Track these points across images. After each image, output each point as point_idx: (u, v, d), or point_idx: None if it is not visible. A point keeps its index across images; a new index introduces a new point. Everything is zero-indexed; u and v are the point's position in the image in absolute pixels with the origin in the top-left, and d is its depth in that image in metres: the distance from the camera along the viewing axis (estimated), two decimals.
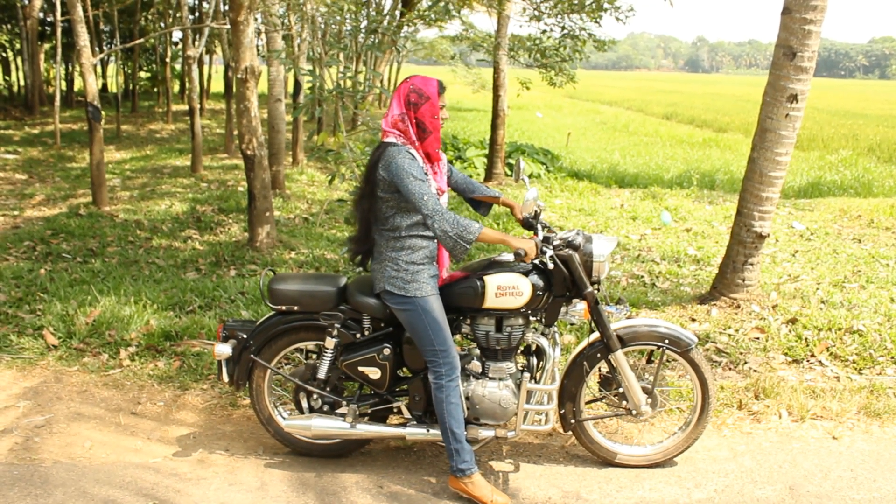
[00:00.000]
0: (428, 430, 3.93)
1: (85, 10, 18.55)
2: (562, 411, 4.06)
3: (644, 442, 4.31)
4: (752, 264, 6.27)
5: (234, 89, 9.00)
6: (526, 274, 3.79)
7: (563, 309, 3.93)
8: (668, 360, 4.24)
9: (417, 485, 3.94)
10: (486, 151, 15.15)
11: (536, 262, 3.80)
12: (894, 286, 7.31)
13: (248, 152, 8.50)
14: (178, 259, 8.29)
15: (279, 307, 3.99)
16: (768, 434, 4.50)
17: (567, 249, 3.81)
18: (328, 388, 4.07)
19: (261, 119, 8.77)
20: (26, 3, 23.98)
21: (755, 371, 5.27)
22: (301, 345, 4.15)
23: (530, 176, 15.56)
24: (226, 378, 4.10)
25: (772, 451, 4.30)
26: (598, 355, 4.00)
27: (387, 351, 3.88)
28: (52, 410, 4.67)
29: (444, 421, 3.71)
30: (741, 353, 5.52)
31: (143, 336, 5.67)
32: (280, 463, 4.14)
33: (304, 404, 4.12)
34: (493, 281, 3.77)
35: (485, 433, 3.92)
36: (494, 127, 14.00)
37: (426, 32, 36.53)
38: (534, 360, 4.01)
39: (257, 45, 14.68)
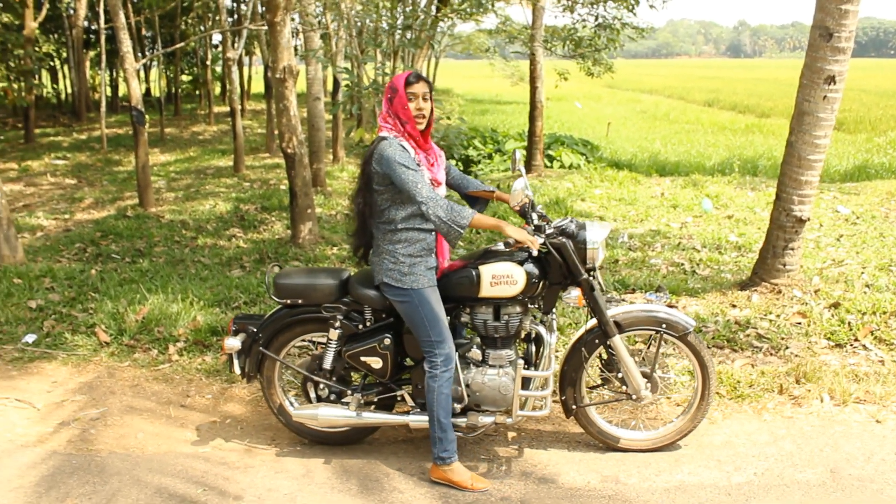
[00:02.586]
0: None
1: (127, 18, 18.92)
2: (563, 397, 4.14)
3: (647, 426, 4.35)
4: (792, 249, 6.23)
5: (274, 89, 9.12)
6: (521, 263, 3.86)
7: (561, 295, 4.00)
8: (672, 347, 4.25)
9: None
10: (525, 143, 15.14)
11: (534, 251, 3.84)
12: None
13: (289, 151, 8.63)
14: (222, 257, 8.47)
15: (284, 301, 4.13)
16: (809, 418, 4.49)
17: (560, 237, 3.88)
18: (334, 378, 4.18)
19: (300, 118, 8.90)
20: (72, 12, 24.53)
21: (797, 356, 5.24)
22: (309, 336, 4.28)
23: (570, 166, 15.52)
24: (237, 370, 4.23)
25: (813, 435, 4.29)
26: (597, 341, 4.06)
27: (387, 341, 3.98)
28: (107, 404, 4.84)
29: (432, 409, 3.81)
30: (782, 339, 5.50)
31: (191, 332, 5.83)
32: (324, 451, 4.24)
33: (312, 394, 4.25)
34: (487, 270, 3.85)
35: (484, 419, 4.00)
36: (532, 119, 13.99)
37: (463, 27, 36.60)
38: (532, 348, 4.08)
39: (295, 45, 14.87)
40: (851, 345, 5.45)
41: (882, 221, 9.59)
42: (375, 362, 4.02)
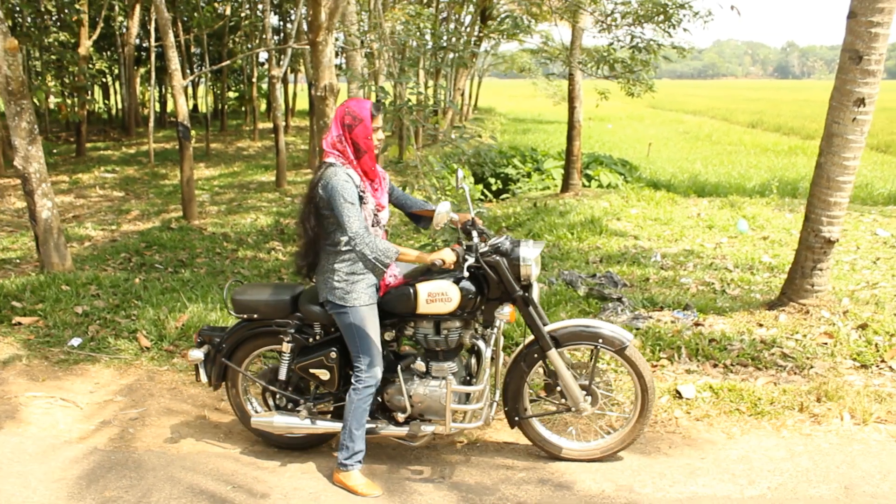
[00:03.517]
0: (377, 427, 4.21)
1: (176, 36, 19.48)
2: (506, 409, 4.28)
3: (589, 437, 4.48)
4: (821, 270, 6.25)
5: (315, 106, 9.38)
6: (458, 281, 4.02)
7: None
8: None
9: (477, 476, 4.14)
10: (564, 163, 15.25)
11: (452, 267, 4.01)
12: None
13: None
14: (262, 269, 8.71)
15: (241, 315, 4.36)
16: (828, 436, 4.53)
17: (495, 255, 4.04)
18: (290, 388, 4.39)
19: None
20: (124, 31, 25.28)
21: (820, 375, 5.28)
22: (269, 348, 4.49)
23: (608, 186, 15.58)
24: (203, 379, 4.46)
25: (830, 452, 4.33)
26: (535, 355, 4.20)
27: (333, 354, 4.18)
28: (146, 405, 5.06)
29: (348, 419, 4.02)
30: (807, 358, 5.53)
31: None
32: None
33: (270, 402, 4.49)
34: (423, 288, 4.02)
35: (426, 428, 4.15)
36: (570, 138, 14.10)
37: (507, 46, 36.82)
38: (473, 361, 4.24)
39: (339, 64, 15.18)
40: (878, 366, 5.46)
41: None
42: (324, 374, 4.22)
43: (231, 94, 36.57)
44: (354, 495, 3.98)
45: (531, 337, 4.21)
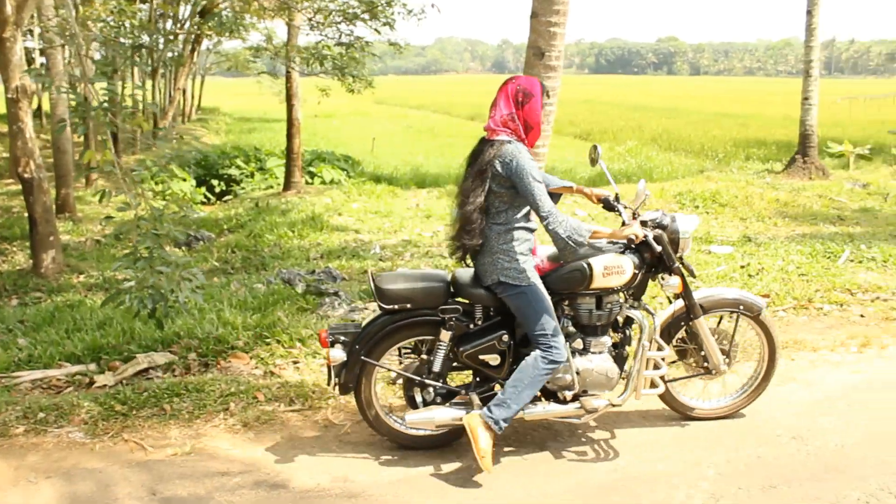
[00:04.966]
0: (544, 408, 4.22)
1: None
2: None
3: (717, 397, 4.76)
4: None
5: (7, 111, 8.61)
6: (622, 253, 4.18)
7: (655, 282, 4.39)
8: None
9: (190, 487, 4.03)
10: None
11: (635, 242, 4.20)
12: None
13: (26, 175, 8.22)
14: None
15: (391, 306, 4.11)
16: None
17: (657, 229, 4.24)
18: (441, 381, 4.21)
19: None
20: None
21: None
22: (413, 340, 4.29)
23: (331, 182, 15.73)
24: (336, 382, 4.17)
25: None
26: (682, 323, 4.47)
27: (505, 337, 4.11)
28: None
29: (521, 382, 3.96)
30: None
31: None
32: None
33: (418, 398, 4.24)
34: (599, 262, 4.09)
35: (597, 403, 4.21)
36: (290, 136, 14.09)
37: (231, 44, 35.94)
38: (629, 332, 4.40)
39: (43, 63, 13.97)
40: None
41: (611, 225, 10.57)
42: (494, 359, 4.14)
43: None
44: (474, 450, 3.88)
45: (676, 305, 4.44)
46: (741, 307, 4.51)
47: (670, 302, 4.61)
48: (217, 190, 16.68)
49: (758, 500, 3.83)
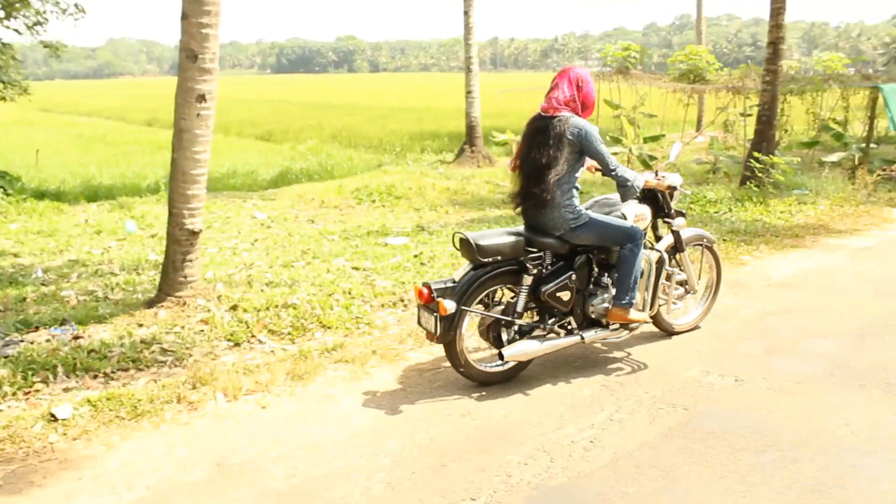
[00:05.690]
0: (595, 332, 5.25)
1: None
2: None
3: (683, 316, 6.11)
4: (191, 261, 6.50)
5: None
6: (640, 203, 5.49)
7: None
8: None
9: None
10: None
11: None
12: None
13: None
14: None
15: (486, 259, 4.83)
16: (204, 419, 4.73)
17: None
18: (524, 319, 5.09)
19: None
20: None
21: (199, 362, 5.48)
22: (496, 287, 5.03)
23: None
24: (440, 331, 4.73)
25: (204, 435, 4.52)
26: (671, 257, 5.73)
27: (574, 276, 5.08)
28: None
29: (632, 268, 5.09)
30: (187, 349, 5.69)
31: None
32: None
33: (505, 336, 5.03)
34: (630, 211, 5.38)
35: (636, 314, 5.26)
36: None
37: None
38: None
39: None
40: (249, 341, 5.90)
41: (292, 222, 10.58)
42: (566, 295, 5.06)
43: None
44: (631, 324, 5.31)
45: (666, 242, 5.68)
46: (705, 240, 6.01)
47: (656, 241, 5.80)
48: None
49: (430, 480, 4.00)
